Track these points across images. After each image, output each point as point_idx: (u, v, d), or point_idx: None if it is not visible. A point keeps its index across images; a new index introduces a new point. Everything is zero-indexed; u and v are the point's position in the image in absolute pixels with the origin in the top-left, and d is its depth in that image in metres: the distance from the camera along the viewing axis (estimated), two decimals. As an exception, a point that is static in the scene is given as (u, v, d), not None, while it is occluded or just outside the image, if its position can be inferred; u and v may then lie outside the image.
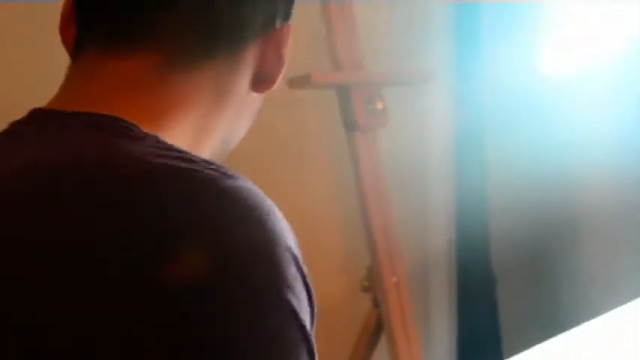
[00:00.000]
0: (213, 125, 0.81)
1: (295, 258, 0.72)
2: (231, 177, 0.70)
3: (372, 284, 1.95)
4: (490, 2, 2.13)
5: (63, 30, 0.81)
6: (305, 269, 0.73)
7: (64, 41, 0.81)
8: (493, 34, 2.14)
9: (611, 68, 1.79)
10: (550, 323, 1.38)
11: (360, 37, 1.94)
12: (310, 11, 1.91)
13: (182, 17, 0.76)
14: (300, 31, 0.91)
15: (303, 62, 1.85)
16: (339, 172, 2.11)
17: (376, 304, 1.95)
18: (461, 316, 2.22)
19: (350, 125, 1.92)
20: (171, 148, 0.72)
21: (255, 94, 0.84)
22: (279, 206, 0.86)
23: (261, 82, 0.82)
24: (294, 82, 1.86)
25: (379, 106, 1.90)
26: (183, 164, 0.69)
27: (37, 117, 0.76)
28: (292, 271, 0.71)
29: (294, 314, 0.69)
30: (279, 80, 0.84)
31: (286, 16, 0.83)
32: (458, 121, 2.19)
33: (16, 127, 0.76)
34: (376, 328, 1.97)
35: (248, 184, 0.71)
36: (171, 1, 0.76)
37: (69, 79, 0.79)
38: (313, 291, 0.74)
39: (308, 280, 0.73)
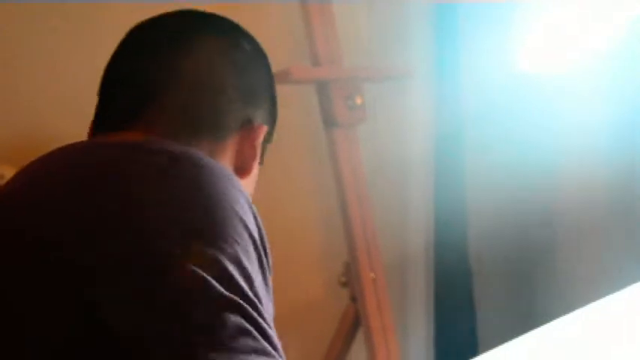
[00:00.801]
0: None
1: (242, 220, 0.84)
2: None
3: (350, 280, 1.96)
4: (468, 1, 2.14)
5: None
6: (256, 233, 0.85)
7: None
8: (471, 32, 2.16)
9: (588, 67, 1.80)
10: (525, 319, 1.39)
11: (339, 33, 1.95)
12: (290, 8, 1.92)
13: (170, 112, 0.96)
14: (280, 28, 0.93)
15: (282, 58, 1.85)
16: (319, 168, 2.11)
17: (354, 299, 1.96)
18: (438, 312, 2.23)
19: (329, 121, 1.93)
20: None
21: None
22: (258, 202, 0.90)
23: (238, 169, 1.00)
24: (274, 78, 1.86)
25: (358, 101, 1.91)
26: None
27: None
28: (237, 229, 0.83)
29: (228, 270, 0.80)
30: (255, 169, 1.00)
31: (268, 118, 1.05)
32: (438, 118, 2.20)
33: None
34: (353, 323, 1.98)
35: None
36: (161, 102, 0.96)
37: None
38: (269, 251, 0.86)
39: (263, 242, 0.86)
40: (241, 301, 0.79)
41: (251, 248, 0.84)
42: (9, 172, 1.63)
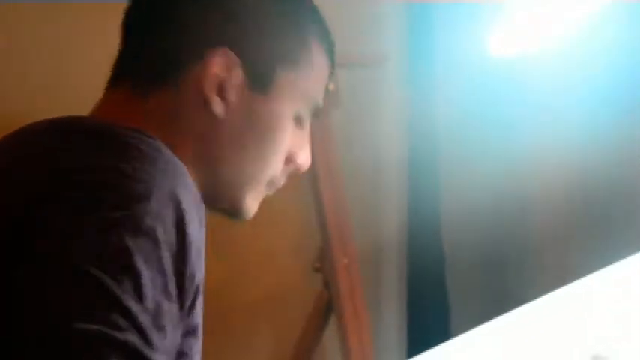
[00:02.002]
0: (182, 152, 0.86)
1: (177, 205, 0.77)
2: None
3: (323, 265, 1.96)
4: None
5: None
6: (186, 228, 0.77)
7: None
8: (445, 18, 2.16)
9: (561, 51, 1.81)
10: (497, 304, 1.40)
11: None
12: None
13: (134, 48, 0.90)
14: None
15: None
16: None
17: (327, 285, 1.96)
18: (411, 298, 2.24)
19: (302, 107, 1.92)
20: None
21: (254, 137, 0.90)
22: None
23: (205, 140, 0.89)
24: None
25: (331, 87, 1.91)
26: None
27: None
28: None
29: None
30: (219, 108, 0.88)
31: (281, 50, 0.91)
32: (411, 104, 2.21)
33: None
34: (326, 309, 1.98)
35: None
36: (132, 50, 0.91)
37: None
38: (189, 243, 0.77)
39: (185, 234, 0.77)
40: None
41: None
42: None
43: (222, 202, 0.91)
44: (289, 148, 0.93)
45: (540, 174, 2.16)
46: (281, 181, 0.95)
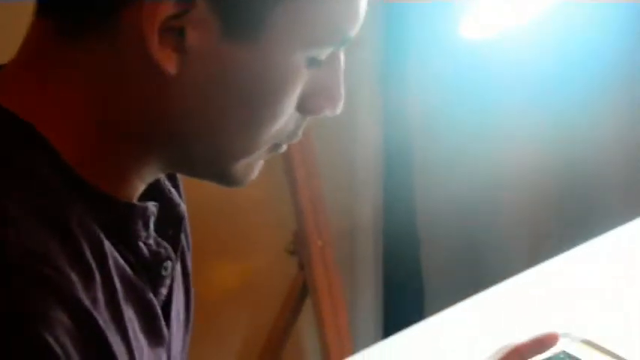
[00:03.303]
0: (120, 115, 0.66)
1: None
2: None
3: (298, 248, 1.96)
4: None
5: None
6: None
7: None
8: (418, 4, 2.16)
9: (534, 32, 1.81)
10: (471, 284, 1.41)
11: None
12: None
13: None
14: None
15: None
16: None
17: (302, 267, 1.97)
18: (386, 279, 2.25)
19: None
20: None
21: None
22: None
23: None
24: None
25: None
26: None
27: None
28: None
29: None
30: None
31: None
32: (385, 89, 2.21)
33: None
34: (301, 292, 1.98)
35: None
36: None
37: None
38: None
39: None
40: None
41: None
42: None
43: (203, 177, 0.71)
44: (304, 95, 0.68)
45: (514, 158, 2.17)
46: (296, 137, 0.72)
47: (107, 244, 0.65)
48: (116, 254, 0.66)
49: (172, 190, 0.76)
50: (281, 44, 0.64)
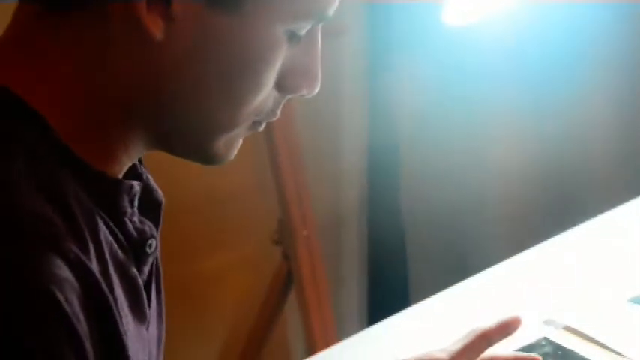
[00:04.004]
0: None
1: None
2: None
3: (282, 237, 1.97)
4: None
5: None
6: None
7: None
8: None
9: (517, 18, 1.82)
10: (456, 272, 1.42)
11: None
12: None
13: None
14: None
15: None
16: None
17: (286, 256, 1.97)
18: (371, 268, 2.25)
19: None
20: None
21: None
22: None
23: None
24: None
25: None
26: None
27: None
28: None
29: None
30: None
31: None
32: (371, 76, 2.21)
33: None
34: (286, 281, 1.99)
35: None
36: None
37: None
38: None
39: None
40: None
41: None
42: None
43: (184, 154, 0.72)
44: (282, 73, 0.70)
45: (499, 148, 2.18)
46: (274, 116, 0.74)
47: (98, 218, 0.67)
48: (105, 229, 0.68)
49: (149, 176, 0.77)
50: (263, 16, 0.66)
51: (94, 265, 0.64)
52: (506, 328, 0.95)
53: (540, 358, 0.97)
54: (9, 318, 0.58)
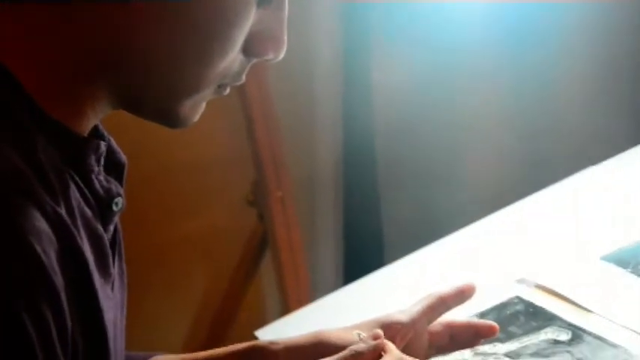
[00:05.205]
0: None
1: None
2: None
3: (257, 198, 1.97)
4: None
5: None
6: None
7: None
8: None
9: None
10: (430, 235, 1.42)
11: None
12: None
13: None
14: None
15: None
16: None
17: (261, 218, 1.97)
18: (346, 230, 2.26)
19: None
20: None
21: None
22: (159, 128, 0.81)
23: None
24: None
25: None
26: None
27: None
28: None
29: None
30: None
31: None
32: (345, 37, 2.20)
33: None
34: (261, 242, 1.99)
35: None
36: None
37: None
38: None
39: None
40: None
41: None
42: None
43: (149, 115, 0.73)
44: (250, 36, 0.71)
45: (476, 108, 2.18)
46: (239, 79, 0.74)
47: (67, 175, 0.68)
48: (73, 186, 0.68)
49: (111, 138, 0.78)
50: None
51: (66, 219, 0.65)
52: (461, 295, 0.98)
53: (496, 324, 0.98)
54: None
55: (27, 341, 0.59)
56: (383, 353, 0.81)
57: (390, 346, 0.82)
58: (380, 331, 0.84)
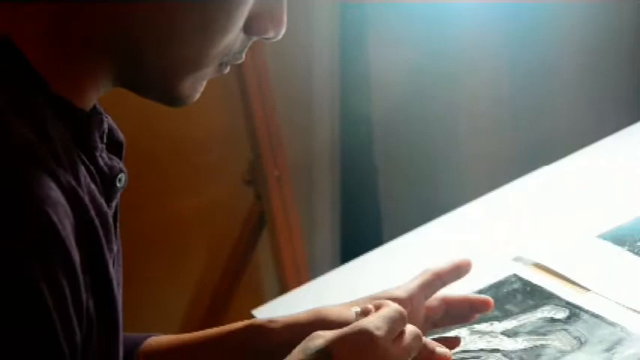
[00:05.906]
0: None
1: None
2: None
3: (254, 178, 1.97)
4: None
5: None
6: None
7: None
8: None
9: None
10: (428, 211, 1.43)
11: None
12: None
13: None
14: None
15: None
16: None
17: (258, 197, 1.98)
18: (344, 207, 2.26)
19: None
20: None
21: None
22: (153, 106, 0.82)
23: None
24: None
25: None
26: None
27: None
28: None
29: None
30: None
31: None
32: (343, 15, 2.19)
33: None
34: (258, 222, 2.00)
35: None
36: None
37: None
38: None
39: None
40: None
41: None
42: None
43: (149, 93, 0.73)
44: (250, 15, 0.72)
45: (471, 84, 2.18)
46: (240, 58, 0.75)
47: (74, 150, 0.68)
48: (79, 161, 0.68)
49: (108, 116, 0.78)
50: None
51: None
52: (457, 270, 0.98)
53: (491, 299, 0.98)
54: (6, 239, 0.58)
55: (45, 310, 0.58)
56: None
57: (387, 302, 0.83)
58: (370, 306, 0.84)
